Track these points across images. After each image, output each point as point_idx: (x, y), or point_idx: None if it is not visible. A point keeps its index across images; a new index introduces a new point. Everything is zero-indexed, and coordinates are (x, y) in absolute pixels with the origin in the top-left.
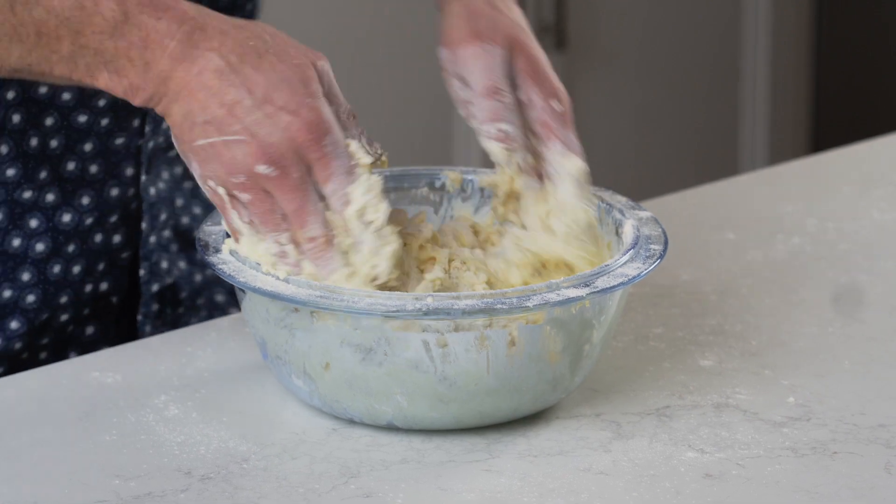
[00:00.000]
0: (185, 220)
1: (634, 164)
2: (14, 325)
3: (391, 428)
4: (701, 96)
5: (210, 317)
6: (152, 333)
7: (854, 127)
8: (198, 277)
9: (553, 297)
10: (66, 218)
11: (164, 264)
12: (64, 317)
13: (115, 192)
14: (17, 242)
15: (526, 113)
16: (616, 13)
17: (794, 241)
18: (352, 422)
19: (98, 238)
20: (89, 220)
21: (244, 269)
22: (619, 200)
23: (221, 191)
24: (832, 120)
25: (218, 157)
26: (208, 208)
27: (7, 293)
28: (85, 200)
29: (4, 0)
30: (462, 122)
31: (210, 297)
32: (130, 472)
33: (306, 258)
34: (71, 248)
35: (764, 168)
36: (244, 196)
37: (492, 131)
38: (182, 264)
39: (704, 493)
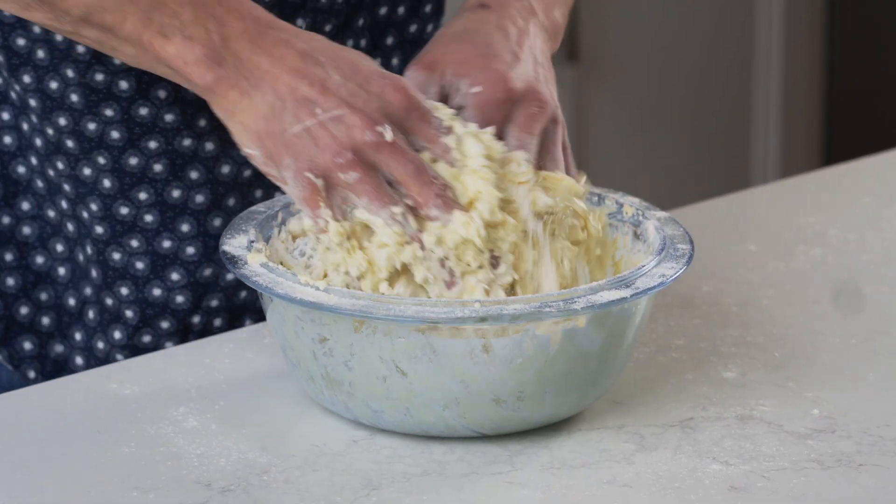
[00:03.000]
0: None
1: (645, 175)
2: (175, 276)
3: (430, 437)
4: (712, 108)
5: None
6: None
7: (867, 139)
8: None
9: (597, 299)
10: (226, 169)
11: None
12: (214, 303)
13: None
14: (176, 193)
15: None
16: (627, 26)
17: (816, 253)
18: (372, 433)
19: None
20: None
21: (281, 282)
22: (633, 202)
23: (321, 182)
24: (844, 132)
25: (317, 141)
26: None
27: (167, 243)
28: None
29: None
30: None
31: None
32: (149, 484)
33: (436, 214)
34: (231, 201)
35: (776, 180)
36: (351, 175)
37: None
38: None
39: None
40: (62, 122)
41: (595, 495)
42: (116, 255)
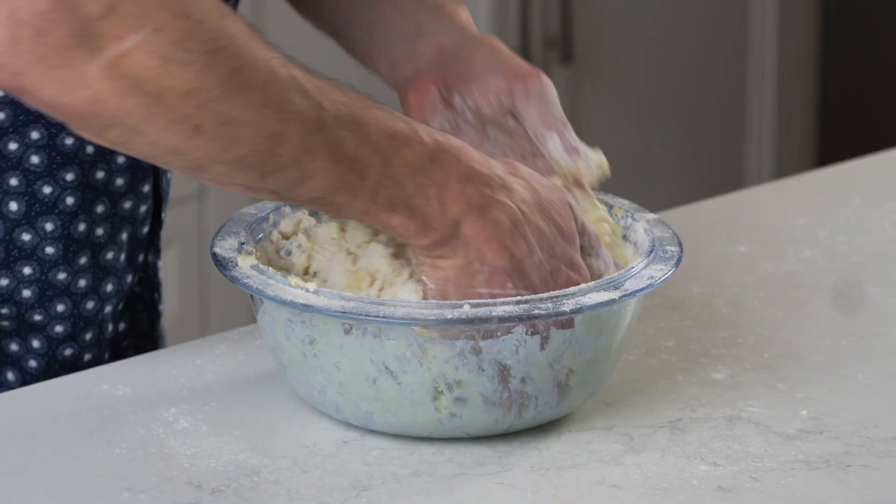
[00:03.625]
0: None
1: (640, 175)
2: (36, 343)
3: (420, 438)
4: (707, 108)
5: None
6: None
7: (862, 139)
8: None
9: (586, 300)
10: (110, 255)
11: None
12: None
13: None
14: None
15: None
16: (622, 27)
17: (806, 254)
18: (363, 434)
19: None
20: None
21: (271, 283)
22: (623, 203)
23: None
24: (839, 132)
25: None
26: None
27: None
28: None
29: (335, 120)
30: None
31: None
32: (140, 485)
33: None
34: (109, 286)
35: (771, 180)
36: None
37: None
38: None
39: None
40: None
41: (584, 496)
42: None
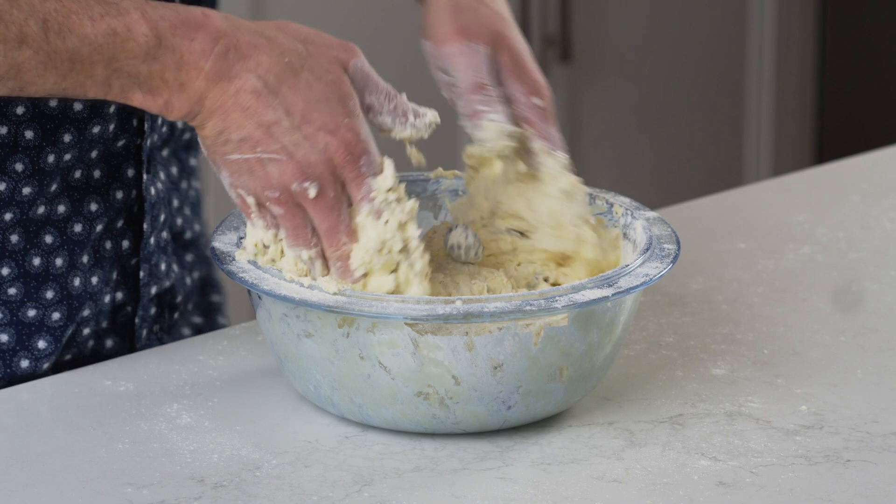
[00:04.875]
0: (178, 221)
1: (639, 174)
2: (42, 344)
3: (421, 433)
4: (706, 107)
5: (207, 320)
6: (148, 338)
7: (859, 138)
8: (188, 280)
9: (579, 297)
10: (78, 228)
11: (163, 266)
12: (86, 331)
13: (119, 195)
14: (37, 262)
15: (510, 109)
16: (621, 26)
17: (805, 251)
18: (364, 429)
19: (108, 245)
20: (99, 228)
21: (266, 278)
22: (624, 202)
23: (251, 200)
24: (836, 130)
25: (251, 172)
26: (197, 209)
27: (32, 312)
28: (93, 207)
29: (38, 30)
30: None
31: (205, 300)
32: (143, 480)
33: (333, 273)
34: (85, 258)
35: (770, 178)
36: (276, 209)
37: (481, 123)
38: (176, 267)
39: (718, 500)
40: None
41: (585, 490)
42: None
